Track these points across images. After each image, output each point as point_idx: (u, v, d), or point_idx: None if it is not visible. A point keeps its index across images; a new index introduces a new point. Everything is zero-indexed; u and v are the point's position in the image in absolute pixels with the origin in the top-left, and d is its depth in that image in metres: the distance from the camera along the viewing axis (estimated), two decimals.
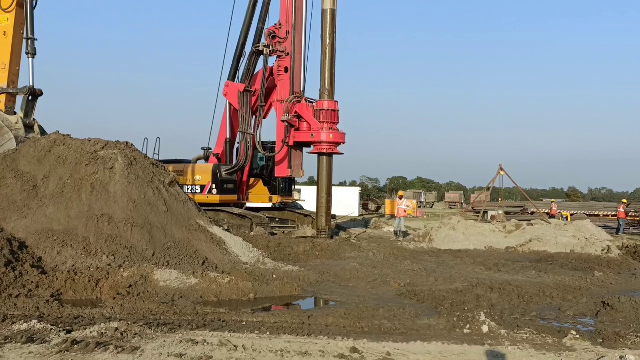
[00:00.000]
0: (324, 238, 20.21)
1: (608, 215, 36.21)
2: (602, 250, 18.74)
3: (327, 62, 21.33)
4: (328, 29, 21.34)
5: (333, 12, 21.42)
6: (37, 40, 17.10)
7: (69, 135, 14.04)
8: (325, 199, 21.13)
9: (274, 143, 23.30)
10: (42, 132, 17.03)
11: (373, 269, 14.03)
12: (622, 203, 32.72)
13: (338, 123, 21.55)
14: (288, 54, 22.70)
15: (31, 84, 17.04)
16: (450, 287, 11.92)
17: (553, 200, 48.71)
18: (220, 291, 10.49)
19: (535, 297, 11.15)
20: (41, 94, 17.30)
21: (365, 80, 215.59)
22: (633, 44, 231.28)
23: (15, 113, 17.17)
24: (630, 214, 32.97)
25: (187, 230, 12.89)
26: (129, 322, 7.79)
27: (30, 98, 17.12)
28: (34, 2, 17.22)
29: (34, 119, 17.28)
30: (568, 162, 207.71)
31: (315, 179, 22.93)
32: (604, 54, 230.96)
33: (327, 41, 21.28)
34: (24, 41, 17.28)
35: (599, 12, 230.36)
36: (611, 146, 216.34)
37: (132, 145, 14.11)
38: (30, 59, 17.02)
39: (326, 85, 21.39)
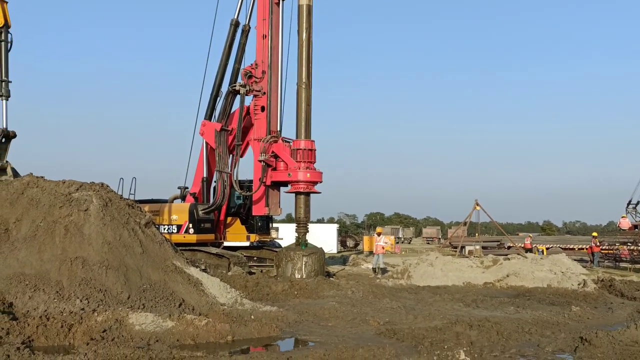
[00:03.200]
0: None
1: (583, 249, 36.62)
2: (578, 284, 18.91)
3: (304, 56, 21.69)
4: (304, 24, 21.80)
5: (309, 7, 21.92)
6: (11, 82, 17.02)
7: (42, 177, 13.86)
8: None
9: (251, 181, 23.28)
10: (15, 174, 16.77)
11: (352, 308, 13.94)
12: (594, 237, 33.19)
13: (315, 162, 21.65)
14: (264, 93, 22.92)
15: (4, 126, 16.87)
16: (430, 325, 11.87)
17: (530, 235, 49.04)
18: (197, 334, 10.30)
19: (514, 334, 11.17)
20: (14, 136, 17.11)
21: (342, 116, 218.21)
22: (605, 82, 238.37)
23: None
24: (604, 247, 33.44)
25: (163, 271, 12.71)
26: None
27: (3, 140, 16.91)
28: (9, 44, 17.19)
29: (6, 161, 17.02)
30: (543, 196, 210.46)
31: (293, 216, 22.89)
32: (578, 91, 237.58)
33: (304, 35, 21.72)
34: None
35: (571, 52, 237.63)
36: (585, 180, 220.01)
37: (108, 186, 13.97)
38: (4, 101, 16.91)
39: (303, 79, 21.63)
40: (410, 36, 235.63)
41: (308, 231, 21.46)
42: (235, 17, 24.38)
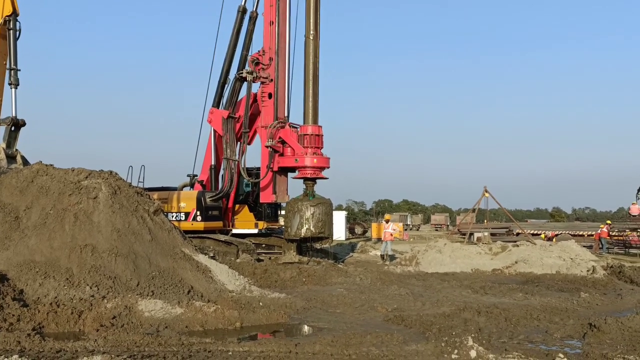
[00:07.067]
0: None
1: (592, 235, 36.49)
2: (587, 270, 18.84)
3: (311, 5, 21.63)
4: None
5: None
6: (20, 70, 17.10)
7: (51, 165, 13.92)
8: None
9: (258, 169, 23.29)
10: (25, 162, 16.91)
11: (360, 295, 13.97)
12: (607, 224, 33.07)
13: (322, 148, 21.61)
14: (272, 80, 22.83)
15: (14, 115, 16.99)
16: (438, 312, 11.89)
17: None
18: (206, 320, 10.38)
19: (522, 320, 11.17)
20: (24, 124, 17.23)
21: (349, 102, 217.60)
22: (615, 66, 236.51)
23: None
24: (613, 233, 33.36)
25: (172, 258, 12.77)
26: (113, 355, 7.67)
27: (12, 128, 17.05)
28: (17, 33, 17.24)
29: (16, 150, 17.17)
30: (551, 183, 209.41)
31: None
32: (585, 76, 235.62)
33: None
34: (7, 72, 17.24)
35: (580, 36, 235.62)
36: (594, 166, 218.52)
37: (116, 174, 14.02)
38: (13, 89, 17.00)
39: (311, 30, 21.58)
40: (418, 20, 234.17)
41: (316, 183, 21.45)
42: (243, 3, 24.24)
